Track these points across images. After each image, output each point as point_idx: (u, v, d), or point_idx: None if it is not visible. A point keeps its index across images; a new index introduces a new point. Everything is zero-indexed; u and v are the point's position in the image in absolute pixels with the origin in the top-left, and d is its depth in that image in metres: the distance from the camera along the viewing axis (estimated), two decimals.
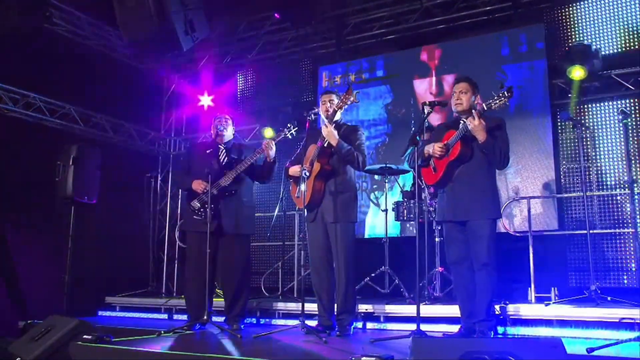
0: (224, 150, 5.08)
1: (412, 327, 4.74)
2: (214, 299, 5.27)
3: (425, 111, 4.24)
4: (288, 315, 5.50)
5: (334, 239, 4.55)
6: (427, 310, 4.85)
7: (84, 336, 3.84)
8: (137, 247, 8.00)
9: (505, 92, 3.90)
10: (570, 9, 6.61)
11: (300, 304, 5.50)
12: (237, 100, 8.87)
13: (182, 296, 6.43)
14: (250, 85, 8.85)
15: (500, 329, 4.52)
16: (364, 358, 2.88)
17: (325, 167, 4.56)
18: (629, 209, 5.89)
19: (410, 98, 7.39)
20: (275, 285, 6.93)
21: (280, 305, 5.56)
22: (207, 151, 5.10)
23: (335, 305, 4.59)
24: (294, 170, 4.63)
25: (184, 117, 9.23)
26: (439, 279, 5.49)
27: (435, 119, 6.67)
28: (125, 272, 7.37)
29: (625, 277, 5.82)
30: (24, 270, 6.54)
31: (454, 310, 4.65)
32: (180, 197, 8.78)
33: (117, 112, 8.18)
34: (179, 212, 8.81)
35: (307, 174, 4.43)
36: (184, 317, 6.00)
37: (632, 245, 5.84)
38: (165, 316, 6.16)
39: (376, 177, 7.01)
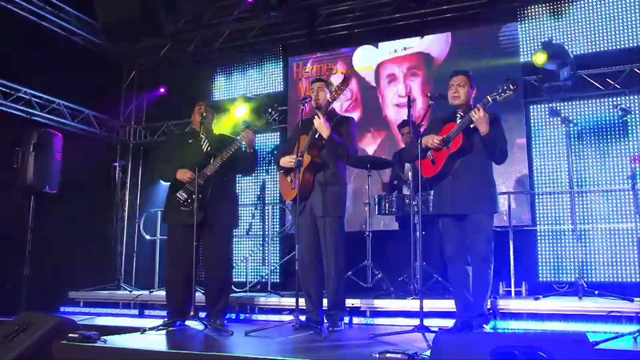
0: (206, 140, 4.86)
1: (401, 321, 4.80)
2: None
3: (429, 104, 4.15)
4: (268, 311, 5.35)
5: (322, 233, 4.44)
6: (417, 305, 4.80)
7: (70, 335, 3.57)
8: (99, 240, 7.62)
9: (511, 85, 3.89)
10: (544, 7, 6.72)
11: (279, 298, 5.47)
12: (203, 90, 8.56)
13: (152, 291, 6.18)
14: (220, 74, 8.54)
15: (490, 323, 4.52)
16: (388, 355, 2.78)
17: (315, 159, 4.43)
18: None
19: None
20: (241, 280, 6.78)
21: (261, 301, 5.40)
22: (189, 140, 4.87)
23: (325, 300, 4.48)
24: (285, 161, 4.48)
25: (144, 105, 8.87)
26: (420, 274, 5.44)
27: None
28: (87, 266, 7.00)
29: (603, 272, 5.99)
30: None
31: (444, 305, 4.64)
32: (139, 187, 8.49)
33: (73, 99, 7.76)
34: (137, 203, 8.49)
35: (300, 163, 4.28)
36: (157, 312, 5.78)
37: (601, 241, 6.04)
38: (135, 312, 5.87)
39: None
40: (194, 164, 4.60)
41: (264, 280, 6.68)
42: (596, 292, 4.66)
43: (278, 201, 7.39)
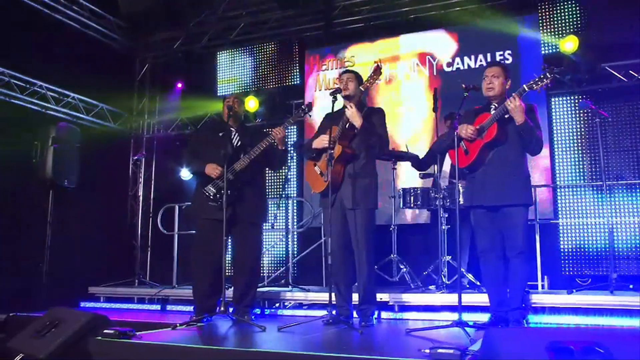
0: (237, 133, 4.79)
1: (430, 316, 4.76)
2: None
3: (464, 95, 4.09)
4: (294, 306, 5.30)
5: (353, 225, 4.36)
6: (447, 299, 4.78)
7: (105, 331, 3.52)
8: (116, 235, 7.56)
9: (547, 74, 3.84)
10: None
11: (306, 293, 5.41)
12: (217, 83, 8.47)
13: (175, 286, 6.13)
14: (232, 67, 8.46)
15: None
16: (441, 350, 2.73)
17: (346, 150, 4.36)
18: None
19: None
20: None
21: (287, 296, 5.35)
22: (219, 133, 4.80)
23: (357, 294, 4.43)
24: (321, 141, 4.37)
25: (157, 99, 8.79)
26: (447, 268, 5.41)
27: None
28: (105, 262, 6.95)
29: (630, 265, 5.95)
30: None
31: (473, 299, 4.60)
32: (152, 182, 8.43)
33: (86, 92, 7.69)
34: (152, 197, 8.43)
35: (332, 154, 4.21)
36: (180, 307, 5.73)
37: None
38: (158, 307, 5.81)
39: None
40: (223, 159, 4.54)
41: (281, 274, 6.64)
42: (631, 285, 4.61)
43: (296, 195, 7.36)
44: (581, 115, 6.39)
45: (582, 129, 6.39)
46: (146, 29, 5.61)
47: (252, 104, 7.48)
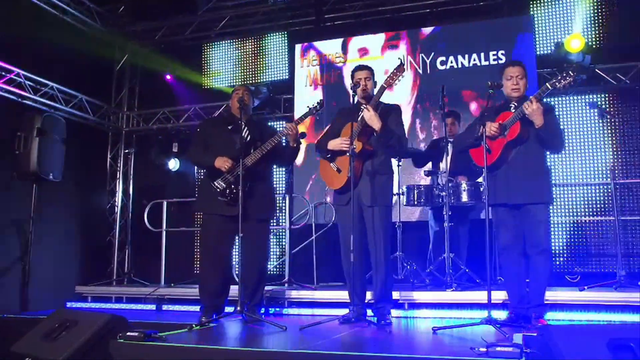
0: (246, 127, 4.63)
1: (441, 313, 4.73)
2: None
3: (490, 92, 4.06)
4: (299, 304, 5.18)
5: (370, 223, 4.27)
6: (457, 296, 4.77)
7: (129, 333, 3.33)
8: (101, 233, 7.24)
9: (570, 72, 3.83)
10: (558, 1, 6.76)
11: (312, 291, 5.30)
12: (202, 76, 8.23)
13: (172, 285, 5.91)
14: (218, 60, 8.24)
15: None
16: (499, 349, 2.68)
17: (366, 146, 4.26)
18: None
19: None
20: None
21: (293, 294, 5.23)
22: (228, 126, 4.63)
23: (372, 293, 4.36)
24: (336, 143, 4.26)
25: (136, 90, 8.49)
26: (448, 264, 5.39)
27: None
28: (90, 260, 6.63)
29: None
30: None
31: (479, 297, 4.61)
32: (131, 177, 8.13)
33: (64, 82, 7.32)
34: (131, 193, 8.12)
35: (355, 149, 4.10)
36: (177, 307, 5.53)
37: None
38: (153, 307, 5.56)
39: None
40: (234, 153, 4.39)
41: (277, 272, 6.51)
42: (639, 282, 4.71)
43: (284, 191, 7.24)
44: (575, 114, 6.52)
45: (576, 128, 6.52)
46: (154, 14, 5.27)
47: None
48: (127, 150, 7.14)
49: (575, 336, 2.72)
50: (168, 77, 7.85)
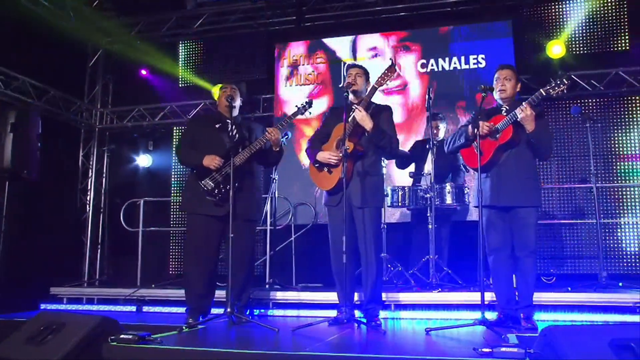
0: (234, 126, 4.56)
1: (427, 315, 4.76)
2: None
3: (483, 95, 4.10)
4: (284, 305, 5.14)
5: (360, 224, 4.26)
6: (443, 297, 4.80)
7: (122, 336, 3.24)
8: (73, 233, 7.02)
9: (564, 80, 3.91)
10: (538, 7, 6.89)
11: (298, 293, 5.26)
12: (179, 74, 8.09)
13: (153, 286, 5.78)
14: (195, 58, 8.11)
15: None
16: (504, 349, 2.70)
17: (357, 147, 4.25)
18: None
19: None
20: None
21: (278, 296, 5.17)
22: (217, 125, 4.55)
23: (362, 294, 4.35)
24: (325, 157, 4.26)
25: (110, 87, 8.28)
26: (434, 266, 5.43)
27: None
28: (65, 260, 6.42)
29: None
30: None
31: (475, 297, 4.65)
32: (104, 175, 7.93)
33: (36, 77, 7.09)
34: (103, 192, 7.91)
35: (347, 152, 4.09)
36: (158, 309, 5.41)
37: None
38: (133, 308, 5.42)
39: None
40: (222, 152, 4.33)
41: (256, 273, 6.43)
42: (620, 284, 4.83)
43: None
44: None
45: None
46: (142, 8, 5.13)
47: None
48: (105, 148, 6.95)
49: (577, 336, 2.75)
50: (144, 72, 7.68)
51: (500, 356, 2.70)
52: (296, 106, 4.62)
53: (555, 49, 5.97)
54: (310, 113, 4.70)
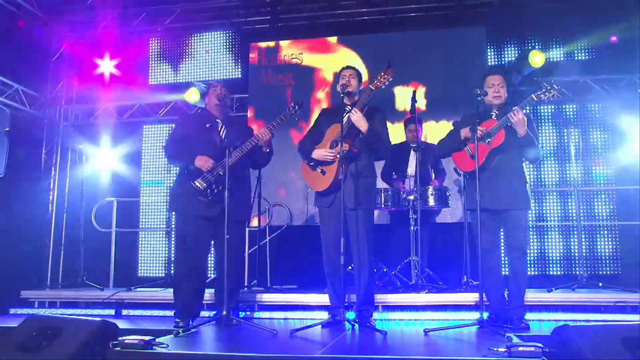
0: (223, 125, 4.48)
1: (416, 315, 4.82)
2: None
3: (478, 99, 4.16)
4: (270, 307, 5.08)
5: (354, 226, 4.27)
6: (431, 298, 4.86)
7: (126, 341, 3.12)
8: (44, 233, 6.71)
9: (555, 86, 4.04)
10: (512, 14, 7.03)
11: (284, 294, 5.21)
12: (148, 73, 7.87)
13: (133, 288, 5.60)
14: (167, 56, 7.90)
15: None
16: (521, 349, 2.75)
17: (352, 149, 4.25)
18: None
19: None
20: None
21: (264, 297, 5.10)
22: (207, 125, 4.46)
23: (355, 295, 4.36)
24: (321, 154, 4.26)
25: (74, 83, 7.97)
26: (419, 267, 5.48)
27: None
28: (33, 263, 6.13)
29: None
30: None
31: (462, 298, 4.73)
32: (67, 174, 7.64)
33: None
34: (66, 191, 7.61)
35: (345, 151, 4.09)
36: (138, 312, 5.24)
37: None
38: (111, 312, 5.22)
39: None
40: (213, 152, 4.26)
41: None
42: (600, 284, 5.01)
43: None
44: None
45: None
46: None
47: (193, 97, 7.04)
48: (80, 145, 6.68)
49: (590, 335, 2.85)
50: (114, 70, 7.45)
51: (517, 355, 2.75)
52: (288, 108, 4.57)
53: (537, 58, 6.17)
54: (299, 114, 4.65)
